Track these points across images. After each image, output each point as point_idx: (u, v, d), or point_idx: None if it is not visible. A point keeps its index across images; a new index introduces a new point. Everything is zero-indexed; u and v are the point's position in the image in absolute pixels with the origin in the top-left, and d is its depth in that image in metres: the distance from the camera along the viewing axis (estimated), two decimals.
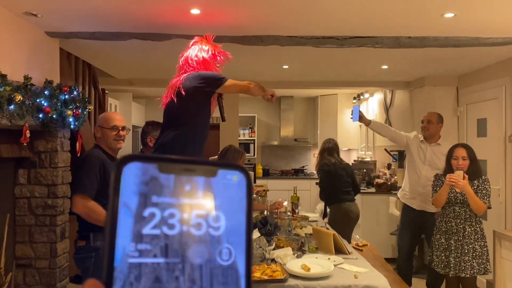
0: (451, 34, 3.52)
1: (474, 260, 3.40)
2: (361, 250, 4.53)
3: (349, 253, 3.03)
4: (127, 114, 6.76)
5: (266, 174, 8.46)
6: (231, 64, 5.00)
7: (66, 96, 3.45)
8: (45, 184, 3.48)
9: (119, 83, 5.84)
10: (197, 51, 2.59)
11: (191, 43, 2.70)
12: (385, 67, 5.02)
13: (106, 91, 5.47)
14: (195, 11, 2.98)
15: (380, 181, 6.44)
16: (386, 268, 4.00)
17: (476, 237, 3.43)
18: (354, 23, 3.33)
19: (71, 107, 3.53)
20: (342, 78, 6.08)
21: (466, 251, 3.41)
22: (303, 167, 8.74)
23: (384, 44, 3.68)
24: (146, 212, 0.38)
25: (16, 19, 3.16)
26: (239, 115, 8.15)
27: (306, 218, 4.25)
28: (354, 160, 7.57)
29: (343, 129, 8.10)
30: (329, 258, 2.84)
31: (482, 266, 3.41)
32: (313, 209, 6.78)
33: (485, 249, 3.43)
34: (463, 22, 3.18)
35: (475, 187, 3.43)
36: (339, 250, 3.06)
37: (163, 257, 0.38)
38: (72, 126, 3.58)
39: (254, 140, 8.58)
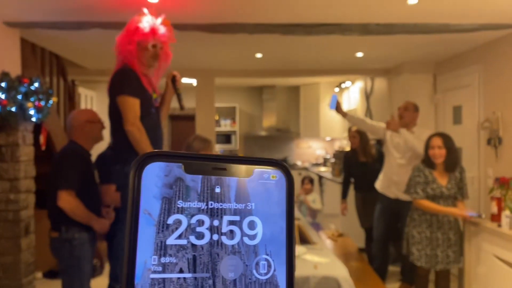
0: (419, 21, 3.46)
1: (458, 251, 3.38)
2: (336, 240, 4.51)
3: (314, 243, 3.00)
4: (103, 106, 6.57)
5: None
6: (202, 54, 4.97)
7: (26, 88, 3.35)
8: (7, 179, 3.40)
9: (92, 73, 5.72)
10: (121, 37, 2.41)
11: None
12: (360, 54, 4.96)
13: (76, 82, 5.35)
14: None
15: None
16: (359, 258, 3.98)
17: (449, 226, 3.38)
18: (322, 10, 3.27)
19: (32, 99, 3.43)
20: (322, 67, 6.02)
21: (454, 242, 3.37)
22: (286, 157, 8.70)
23: (352, 32, 3.61)
24: (171, 220, 0.33)
25: None
26: (219, 105, 8.10)
27: None
28: (336, 151, 7.53)
29: (326, 119, 8.06)
30: None
31: (457, 254, 3.40)
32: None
33: (459, 235, 3.41)
34: (427, 8, 3.13)
35: (457, 181, 3.34)
36: (305, 240, 3.03)
37: (190, 271, 0.33)
38: (34, 119, 3.49)
39: (235, 131, 8.52)
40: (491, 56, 4.21)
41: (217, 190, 0.35)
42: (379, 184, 4.56)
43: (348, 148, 7.12)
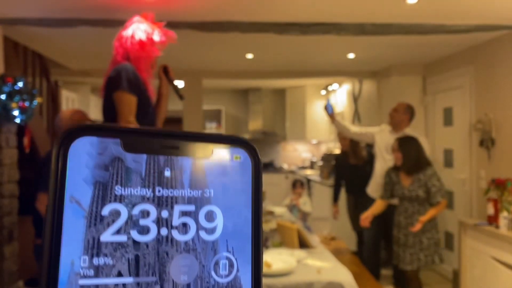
0: (416, 21, 3.43)
1: (421, 253, 3.33)
2: (328, 244, 4.45)
3: (314, 247, 2.92)
4: (85, 108, 6.40)
5: None
6: (190, 54, 4.85)
7: (10, 88, 3.19)
8: None
9: (74, 74, 5.53)
10: (132, 31, 2.32)
11: (129, 22, 2.40)
12: (351, 56, 4.93)
13: (59, 84, 5.17)
14: None
15: None
16: (353, 262, 3.92)
17: (423, 229, 3.33)
18: (318, 9, 3.21)
19: (16, 99, 3.27)
20: (310, 68, 5.97)
21: (411, 244, 3.35)
22: (272, 160, 8.62)
23: (348, 32, 3.57)
24: (106, 210, 0.27)
25: None
26: (204, 108, 7.98)
27: (271, 213, 4.13)
28: (324, 153, 7.49)
29: (312, 122, 8.02)
30: (292, 254, 2.72)
31: (429, 258, 3.33)
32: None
33: (432, 240, 3.35)
34: (426, 8, 3.10)
35: (423, 183, 3.32)
36: (304, 245, 2.95)
37: (132, 275, 0.27)
38: (18, 120, 3.32)
39: None
40: (482, 58, 4.22)
41: (167, 173, 0.29)
42: (369, 188, 4.52)
43: (338, 151, 7.09)
